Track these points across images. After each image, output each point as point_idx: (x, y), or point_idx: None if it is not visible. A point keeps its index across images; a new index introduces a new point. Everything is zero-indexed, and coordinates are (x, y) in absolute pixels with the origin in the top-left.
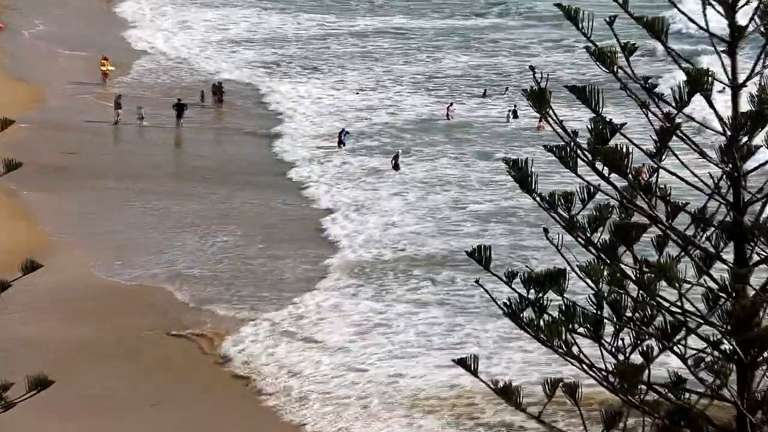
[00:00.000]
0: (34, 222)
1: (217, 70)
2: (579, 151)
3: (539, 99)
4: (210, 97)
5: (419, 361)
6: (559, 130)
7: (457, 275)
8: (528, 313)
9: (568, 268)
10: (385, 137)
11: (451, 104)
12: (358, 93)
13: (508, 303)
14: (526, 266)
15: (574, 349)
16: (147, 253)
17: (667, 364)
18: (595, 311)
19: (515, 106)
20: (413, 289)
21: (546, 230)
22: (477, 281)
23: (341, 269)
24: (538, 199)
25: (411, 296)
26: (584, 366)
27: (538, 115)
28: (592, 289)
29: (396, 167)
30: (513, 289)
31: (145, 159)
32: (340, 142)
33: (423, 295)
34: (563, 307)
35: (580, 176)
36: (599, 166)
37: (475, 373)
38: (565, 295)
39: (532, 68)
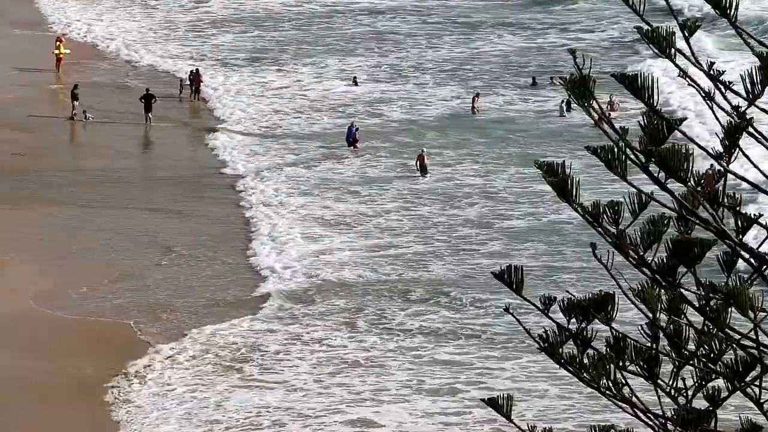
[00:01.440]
0: None
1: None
2: (629, 153)
3: (580, 89)
4: (186, 87)
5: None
6: (606, 128)
7: (470, 298)
8: (569, 348)
9: (618, 293)
10: (400, 136)
11: (477, 95)
12: (357, 84)
13: (544, 335)
14: (567, 291)
15: (625, 391)
16: (106, 279)
17: (738, 410)
18: (650, 345)
19: (570, 96)
20: (415, 315)
21: (594, 246)
22: (506, 308)
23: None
24: (579, 210)
25: (413, 324)
26: (637, 411)
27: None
28: (647, 317)
29: (423, 170)
30: (550, 318)
31: (106, 163)
32: (352, 142)
33: (429, 323)
34: (611, 339)
35: (630, 183)
36: (654, 170)
37: (508, 416)
38: (613, 325)
39: (572, 51)
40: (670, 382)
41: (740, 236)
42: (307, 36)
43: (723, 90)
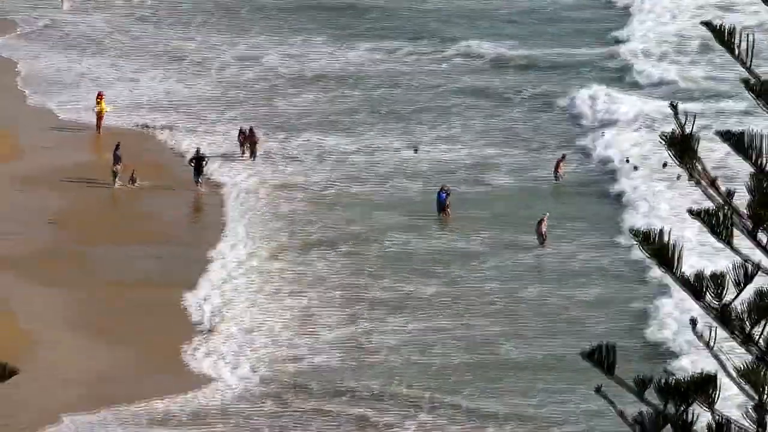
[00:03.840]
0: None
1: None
2: (735, 218)
3: (682, 147)
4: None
5: None
6: (711, 191)
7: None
8: None
9: (720, 373)
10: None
11: (564, 156)
12: (416, 151)
13: (639, 418)
14: (664, 370)
15: None
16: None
17: None
18: (756, 429)
19: (669, 154)
20: None
21: (694, 322)
22: (598, 389)
23: None
24: (680, 281)
25: None
26: None
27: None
28: (752, 399)
29: (541, 239)
30: (645, 401)
31: (151, 230)
32: (443, 208)
33: None
34: (713, 424)
35: (736, 250)
36: (763, 236)
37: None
38: (715, 408)
39: (673, 106)
40: None
41: None
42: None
43: None
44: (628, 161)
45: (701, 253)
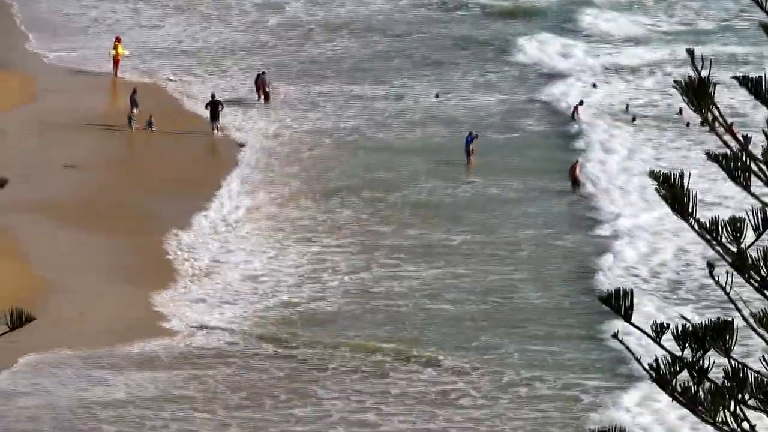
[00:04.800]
0: (27, 263)
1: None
2: (753, 163)
3: (698, 93)
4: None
5: None
6: (729, 138)
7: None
8: (683, 379)
9: (738, 319)
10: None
11: (581, 102)
12: (437, 96)
13: (655, 365)
14: (682, 316)
15: (745, 426)
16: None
17: None
18: None
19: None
20: None
21: (711, 265)
22: (615, 335)
23: None
24: (695, 226)
25: None
26: None
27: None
28: None
29: (575, 182)
30: (662, 346)
31: (165, 175)
32: (469, 152)
33: None
34: (730, 370)
35: (754, 195)
36: None
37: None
38: (732, 354)
39: (690, 52)
40: None
41: None
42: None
43: None
44: (627, 108)
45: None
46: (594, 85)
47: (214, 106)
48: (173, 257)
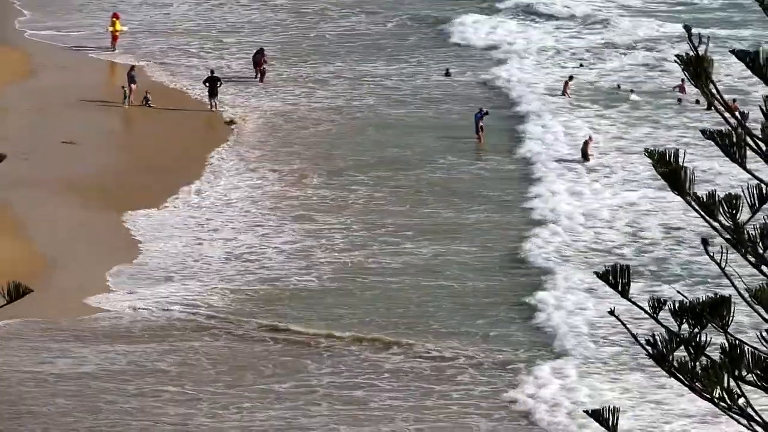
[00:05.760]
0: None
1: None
2: (749, 139)
3: (697, 69)
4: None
5: None
6: (727, 115)
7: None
8: (679, 355)
9: (734, 295)
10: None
11: (571, 78)
12: (448, 74)
13: (652, 341)
14: (679, 292)
15: (741, 402)
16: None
17: None
18: None
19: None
20: None
21: (705, 242)
22: (611, 311)
23: None
24: (693, 202)
25: None
26: (754, 425)
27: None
28: (766, 322)
29: (585, 157)
30: (659, 322)
31: (164, 154)
32: (478, 129)
33: None
34: (726, 346)
35: (750, 172)
36: None
37: (613, 430)
38: (729, 330)
39: (687, 27)
40: None
41: None
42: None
43: None
44: (632, 92)
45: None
46: (581, 65)
47: (213, 82)
48: (148, 234)
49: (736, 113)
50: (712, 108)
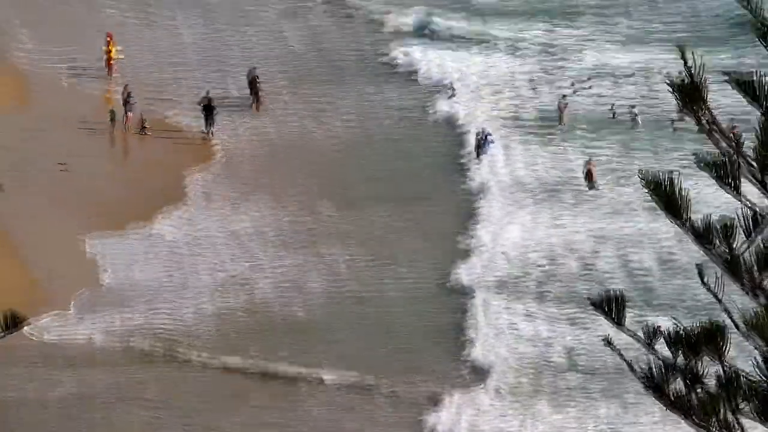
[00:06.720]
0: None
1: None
2: (744, 165)
3: (689, 94)
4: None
5: None
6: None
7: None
8: (675, 385)
9: (729, 323)
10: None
11: (564, 96)
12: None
13: (646, 372)
14: (674, 319)
15: None
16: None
17: None
18: (766, 382)
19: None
20: None
21: (700, 269)
22: (607, 340)
23: None
24: (688, 229)
25: None
26: None
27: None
28: (761, 351)
29: (590, 179)
30: (653, 352)
31: (157, 179)
32: (480, 150)
33: None
34: (723, 376)
35: (743, 198)
36: None
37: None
38: (725, 360)
39: (681, 49)
40: None
41: None
42: None
43: None
44: (636, 115)
45: None
46: (574, 91)
47: (209, 108)
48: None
49: (732, 139)
50: (705, 133)
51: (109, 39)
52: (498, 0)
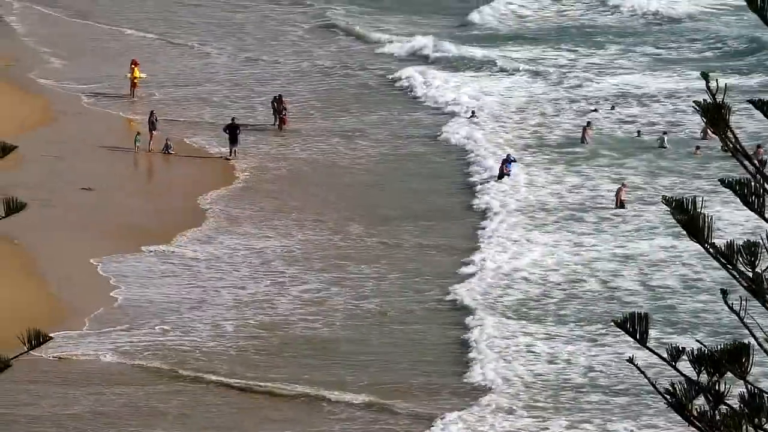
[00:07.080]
0: (41, 280)
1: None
2: None
3: (713, 117)
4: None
5: None
6: (746, 162)
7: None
8: (699, 403)
9: (753, 344)
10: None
11: (589, 123)
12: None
13: (671, 390)
14: (697, 340)
15: None
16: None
17: None
18: None
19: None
20: None
21: (725, 292)
22: (631, 359)
23: None
24: (711, 250)
25: None
26: None
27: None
28: None
29: (620, 205)
30: (677, 370)
31: (181, 199)
32: (503, 174)
33: None
34: (746, 395)
35: None
36: None
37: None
38: (748, 379)
39: (704, 75)
40: None
41: None
42: None
43: None
44: (664, 135)
45: None
46: (613, 107)
47: (233, 129)
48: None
49: (755, 160)
50: (731, 154)
51: (134, 65)
52: (522, 25)
